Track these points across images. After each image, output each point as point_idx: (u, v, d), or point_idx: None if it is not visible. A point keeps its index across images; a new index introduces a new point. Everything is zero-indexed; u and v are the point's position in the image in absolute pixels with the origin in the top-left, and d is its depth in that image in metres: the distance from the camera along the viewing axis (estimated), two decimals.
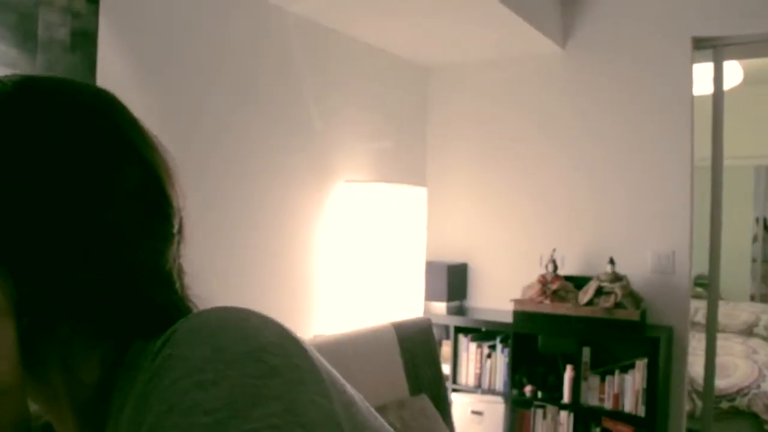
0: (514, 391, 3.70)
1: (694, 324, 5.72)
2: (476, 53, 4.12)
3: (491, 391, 3.79)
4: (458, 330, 3.91)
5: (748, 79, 5.42)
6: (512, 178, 4.09)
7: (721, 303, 7.08)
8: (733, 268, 7.93)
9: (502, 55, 4.09)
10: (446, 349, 4.00)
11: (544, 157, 4.01)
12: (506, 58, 4.12)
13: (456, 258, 4.23)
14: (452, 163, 4.30)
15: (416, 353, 3.21)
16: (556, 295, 3.62)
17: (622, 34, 3.82)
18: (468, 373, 3.88)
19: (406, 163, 4.20)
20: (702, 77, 3.93)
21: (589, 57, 3.91)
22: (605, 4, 3.88)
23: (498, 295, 4.01)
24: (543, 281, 3.67)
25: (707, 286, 7.70)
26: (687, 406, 4.52)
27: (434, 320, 3.94)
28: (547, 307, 3.63)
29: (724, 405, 4.78)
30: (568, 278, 3.74)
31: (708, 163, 3.73)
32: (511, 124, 4.10)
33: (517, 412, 3.74)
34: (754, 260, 7.91)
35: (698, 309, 6.60)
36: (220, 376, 0.47)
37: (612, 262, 3.59)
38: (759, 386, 4.77)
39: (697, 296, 7.31)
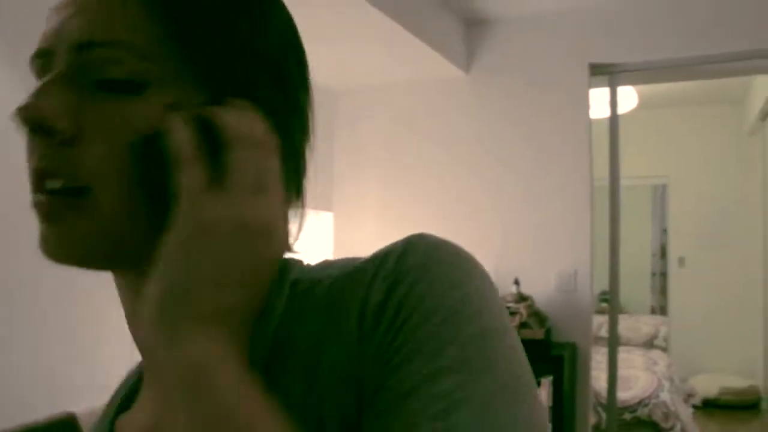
0: None
1: (600, 339, 5.91)
2: (382, 77, 4.16)
3: None
4: None
5: (643, 104, 5.68)
6: (419, 201, 4.13)
7: (623, 317, 7.37)
8: (635, 283, 8.26)
9: (407, 78, 4.14)
10: None
11: (451, 180, 4.07)
12: (412, 81, 4.18)
13: None
14: (360, 187, 4.30)
15: None
16: None
17: (524, 59, 3.94)
18: None
19: (312, 187, 4.17)
20: (600, 101, 4.10)
21: (493, 81, 4.01)
22: (508, 31, 4.00)
23: None
24: None
25: (610, 301, 8.00)
26: (592, 419, 4.66)
27: None
28: None
29: (627, 416, 4.94)
30: None
31: (608, 183, 3.88)
32: (418, 148, 4.15)
33: None
34: (653, 274, 8.27)
35: (602, 324, 6.82)
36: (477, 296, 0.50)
37: (517, 282, 3.67)
38: (658, 396, 4.96)
39: (602, 311, 7.57)
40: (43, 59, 0.52)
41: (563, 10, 3.86)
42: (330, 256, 3.69)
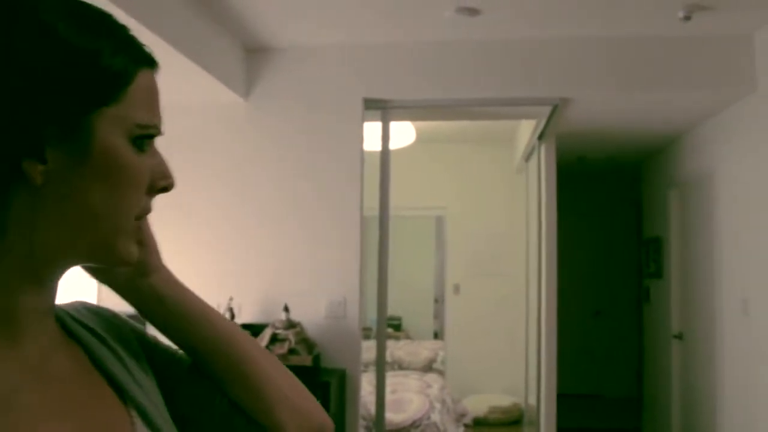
0: None
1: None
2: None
3: None
4: None
5: (422, 138, 6.01)
6: (191, 225, 4.04)
7: (407, 342, 7.67)
8: (419, 309, 8.64)
9: (184, 102, 4.06)
10: None
11: (225, 205, 4.03)
12: (188, 106, 4.09)
13: (128, 308, 4.04)
14: None
15: None
16: None
17: (302, 89, 4.02)
18: None
19: None
20: (377, 135, 4.27)
21: (271, 109, 4.05)
22: (288, 60, 4.07)
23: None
24: None
25: (396, 327, 8.27)
26: None
27: None
28: None
29: None
30: (245, 326, 3.77)
31: (391, 213, 4.04)
32: (194, 173, 4.06)
33: None
34: (435, 301, 8.67)
35: (387, 349, 7.05)
36: None
37: (286, 309, 3.70)
38: (429, 417, 5.21)
39: (388, 337, 7.82)
40: (154, 132, 0.70)
41: (341, 44, 4.01)
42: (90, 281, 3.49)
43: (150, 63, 0.68)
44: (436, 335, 8.38)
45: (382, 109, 4.06)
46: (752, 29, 3.77)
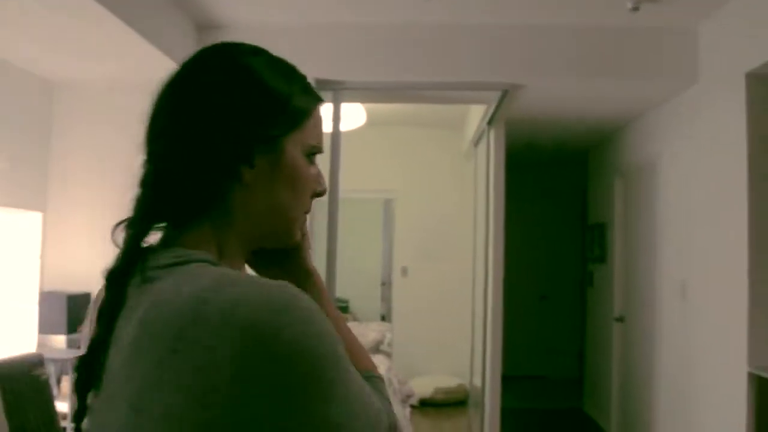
0: None
1: None
2: (104, 73, 3.96)
3: None
4: None
5: (373, 121, 6.00)
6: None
7: (354, 324, 7.70)
8: (367, 291, 8.68)
9: (132, 77, 3.97)
10: (67, 385, 3.73)
11: None
12: (139, 82, 4.00)
13: (78, 287, 3.97)
14: (78, 186, 4.05)
15: (22, 393, 2.94)
16: None
17: None
18: None
19: (22, 185, 3.85)
20: (327, 116, 4.26)
21: None
22: (239, 38, 3.98)
23: None
24: None
25: (343, 309, 8.28)
26: None
27: (53, 355, 3.67)
28: None
29: None
30: None
31: (340, 195, 4.03)
32: (137, 151, 4.00)
33: None
34: (383, 283, 8.73)
35: None
36: None
37: None
38: None
39: None
40: (319, 150, 0.91)
41: (293, 24, 3.97)
42: (37, 258, 3.43)
43: (320, 100, 0.93)
44: (384, 318, 8.44)
45: (334, 90, 4.04)
46: (696, 22, 3.87)
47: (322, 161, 3.64)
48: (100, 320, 0.78)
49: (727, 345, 3.61)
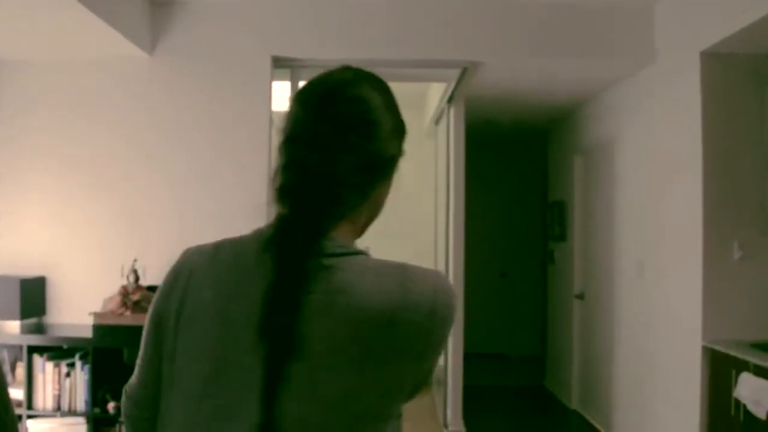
0: (97, 410, 3.53)
1: None
2: (53, 52, 3.84)
3: (72, 413, 3.55)
4: (34, 349, 3.58)
5: None
6: (93, 186, 3.90)
7: None
8: None
9: (82, 55, 3.87)
10: (21, 371, 3.65)
11: (128, 166, 3.90)
12: (87, 59, 3.91)
13: (32, 271, 3.88)
14: (27, 167, 3.93)
15: None
16: (137, 306, 3.54)
17: (209, 45, 3.90)
18: (45, 396, 3.58)
19: None
20: (286, 95, 4.20)
21: (177, 66, 3.91)
22: (195, 15, 3.92)
23: (81, 309, 3.76)
24: (124, 292, 3.57)
25: None
26: None
27: (6, 341, 3.60)
28: (128, 318, 3.53)
29: None
30: (151, 288, 3.68)
31: None
32: (93, 130, 3.91)
33: (102, 431, 3.57)
34: None
35: None
36: None
37: None
38: None
39: None
40: None
41: (249, 0, 3.90)
42: None
43: None
44: None
45: (291, 68, 3.99)
46: (652, 1, 3.89)
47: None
48: (282, 292, 0.91)
49: (682, 320, 3.67)
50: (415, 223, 7.09)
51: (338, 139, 0.98)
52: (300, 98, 1.04)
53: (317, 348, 0.89)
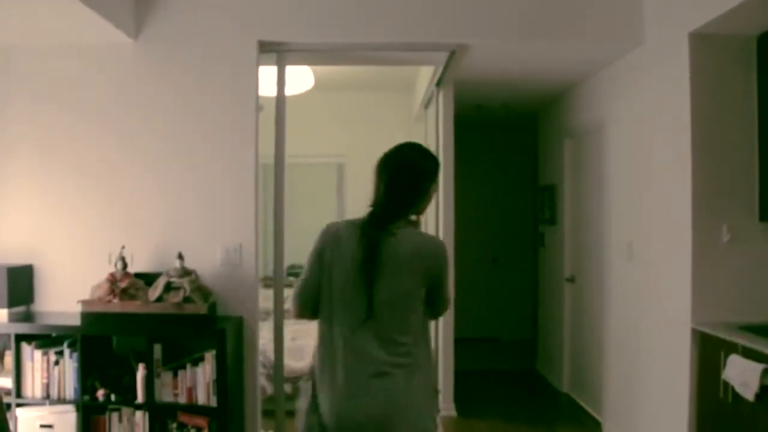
0: (86, 398, 3.51)
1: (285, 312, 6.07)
2: (33, 38, 3.76)
3: (61, 401, 3.54)
4: (23, 338, 3.56)
5: (321, 85, 5.91)
6: (79, 173, 3.85)
7: None
8: None
9: (65, 41, 3.80)
10: (9, 360, 3.63)
11: (113, 153, 3.85)
12: (70, 45, 3.84)
13: (20, 259, 3.85)
14: (13, 155, 3.89)
15: None
16: (125, 294, 3.52)
17: (194, 30, 3.84)
18: (34, 385, 3.56)
19: None
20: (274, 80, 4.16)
21: (162, 51, 3.85)
22: None
23: (69, 297, 3.73)
24: (112, 280, 3.54)
25: (297, 275, 8.25)
26: (269, 389, 4.77)
27: None
28: (116, 306, 3.51)
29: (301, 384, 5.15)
30: (138, 275, 3.66)
31: (292, 161, 3.95)
32: (77, 117, 3.85)
33: (92, 419, 3.56)
34: None
35: (287, 297, 7.01)
36: None
37: (180, 257, 3.61)
38: None
39: (289, 285, 7.78)
40: None
41: None
42: None
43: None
44: None
45: (277, 52, 3.95)
46: None
47: (267, 125, 3.56)
48: (368, 247, 2.08)
49: (671, 303, 3.68)
50: None
51: (410, 186, 2.18)
52: (389, 163, 2.20)
53: (388, 268, 2.07)
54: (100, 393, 3.51)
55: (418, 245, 2.12)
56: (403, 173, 2.15)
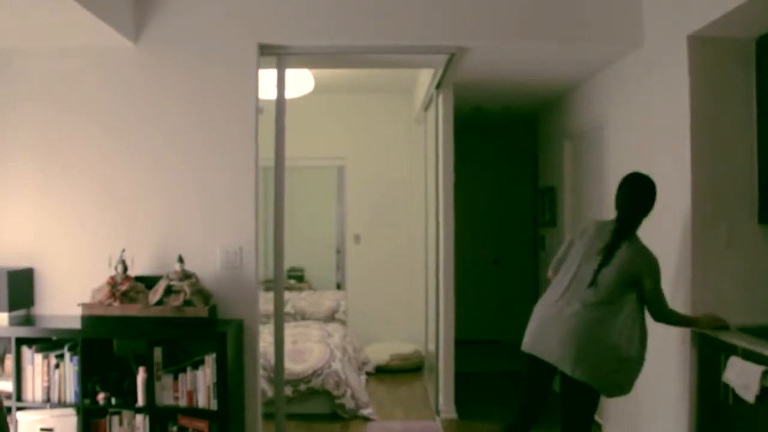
0: (86, 401, 3.52)
1: (286, 315, 6.08)
2: (34, 41, 3.77)
3: (62, 404, 3.54)
4: (23, 341, 3.56)
5: (321, 88, 5.93)
6: (79, 177, 3.86)
7: (310, 293, 7.67)
8: (323, 259, 8.63)
9: (66, 44, 3.81)
10: (10, 363, 3.63)
11: (113, 157, 3.86)
12: (71, 48, 3.85)
13: (20, 262, 3.86)
14: (13, 158, 3.90)
15: None
16: (126, 297, 3.52)
17: (195, 33, 3.85)
18: (35, 388, 3.57)
19: None
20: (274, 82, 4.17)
21: (162, 54, 3.87)
22: (180, 2, 3.86)
23: (69, 300, 3.74)
24: (112, 283, 3.55)
25: (299, 278, 8.24)
26: (270, 392, 4.78)
27: None
28: (117, 309, 3.52)
29: (302, 387, 5.16)
30: (139, 279, 3.67)
31: (293, 163, 3.96)
32: (78, 121, 3.86)
33: (92, 422, 3.56)
34: (338, 251, 8.69)
35: (288, 300, 7.03)
36: None
37: (181, 260, 3.61)
38: (330, 366, 5.25)
39: (290, 288, 7.79)
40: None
41: None
42: None
43: None
44: (339, 286, 8.42)
45: (278, 55, 3.96)
46: None
47: (268, 128, 3.57)
48: (611, 245, 3.15)
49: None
50: (407, 211, 7.10)
51: (640, 204, 3.21)
52: (626, 184, 3.26)
53: (615, 263, 3.10)
54: (101, 396, 3.52)
55: (639, 252, 3.16)
56: (638, 195, 3.24)
